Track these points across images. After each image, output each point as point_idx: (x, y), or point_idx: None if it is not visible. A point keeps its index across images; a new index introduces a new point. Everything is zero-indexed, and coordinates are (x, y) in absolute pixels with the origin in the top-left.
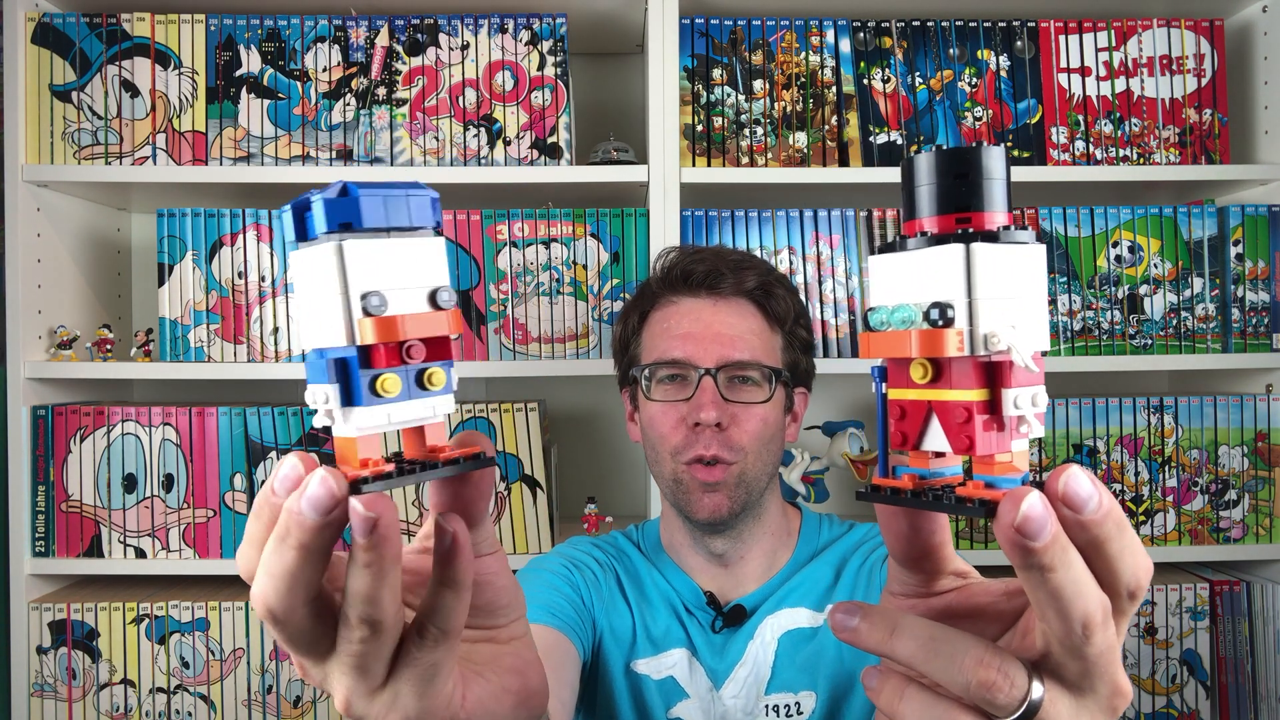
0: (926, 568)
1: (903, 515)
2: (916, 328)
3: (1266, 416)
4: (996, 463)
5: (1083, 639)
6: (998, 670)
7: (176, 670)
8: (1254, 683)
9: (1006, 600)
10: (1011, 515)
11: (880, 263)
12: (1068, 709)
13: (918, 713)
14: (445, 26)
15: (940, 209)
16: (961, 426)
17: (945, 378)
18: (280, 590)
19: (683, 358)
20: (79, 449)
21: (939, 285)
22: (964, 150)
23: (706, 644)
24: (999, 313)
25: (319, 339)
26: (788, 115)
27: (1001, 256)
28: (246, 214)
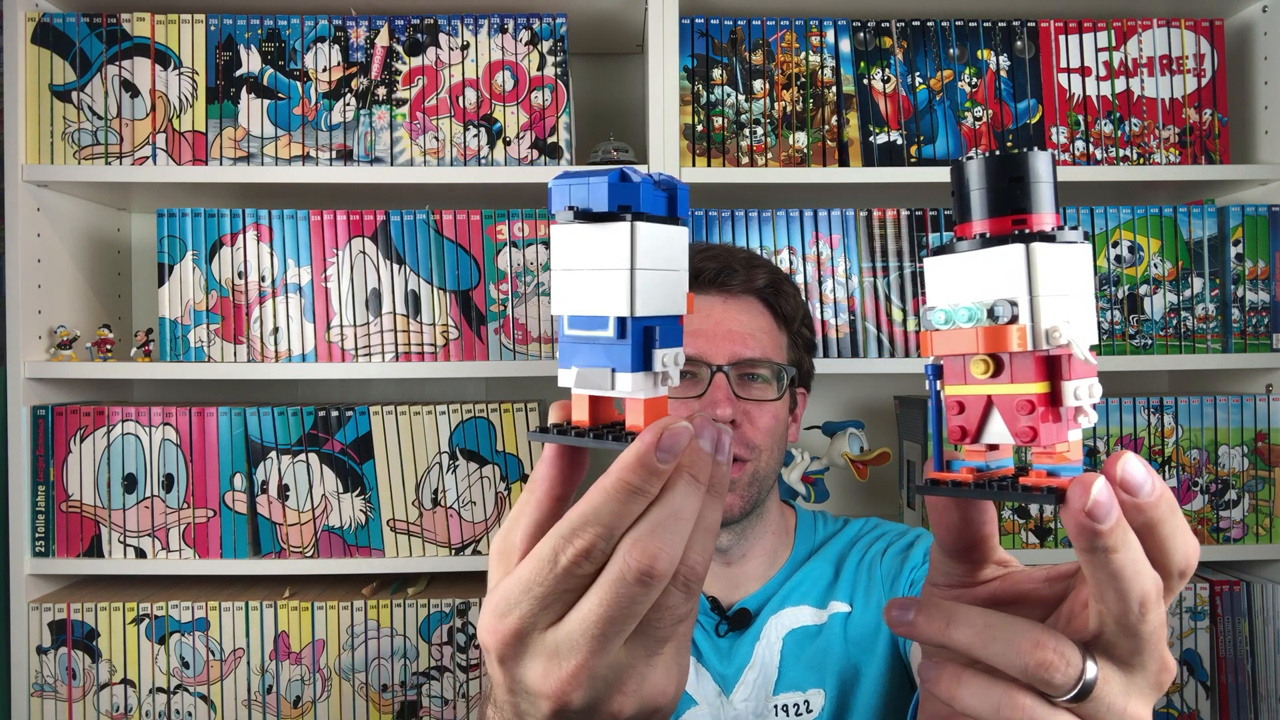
0: (974, 557)
1: (955, 508)
2: (981, 325)
3: (1266, 416)
4: (1057, 453)
5: (1139, 617)
6: (1054, 651)
7: (176, 670)
8: (1254, 683)
9: (1048, 587)
10: (1082, 500)
11: (938, 264)
12: (1119, 686)
13: (977, 696)
14: (445, 26)
15: (996, 211)
16: (1025, 419)
17: (1006, 372)
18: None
19: (694, 354)
20: (79, 449)
21: (1000, 284)
22: (1017, 155)
23: (712, 649)
24: (1057, 309)
25: (597, 307)
26: (788, 115)
27: (1057, 255)
28: (246, 214)
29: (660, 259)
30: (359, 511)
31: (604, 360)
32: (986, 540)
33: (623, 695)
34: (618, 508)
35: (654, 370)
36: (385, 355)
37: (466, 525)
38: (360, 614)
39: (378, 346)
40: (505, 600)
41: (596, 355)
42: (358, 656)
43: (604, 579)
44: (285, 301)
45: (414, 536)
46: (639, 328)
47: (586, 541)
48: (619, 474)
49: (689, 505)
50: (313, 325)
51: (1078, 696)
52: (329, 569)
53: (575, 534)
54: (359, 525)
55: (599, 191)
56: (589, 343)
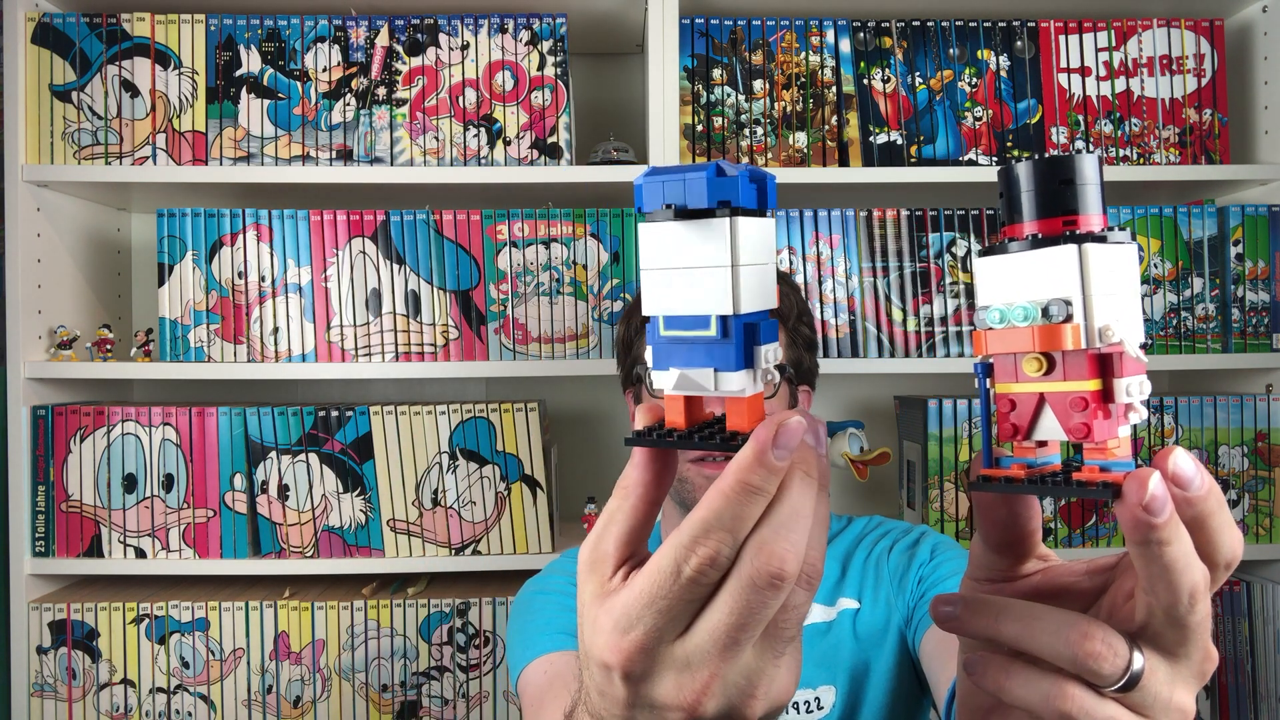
0: (1018, 552)
1: (1002, 503)
2: (1036, 324)
3: (1266, 416)
4: (1109, 449)
5: (1188, 608)
6: (1102, 641)
7: (176, 670)
8: (1254, 683)
9: (1089, 580)
10: (1139, 495)
11: (990, 264)
12: (1165, 675)
13: (1026, 687)
14: (445, 26)
15: (1047, 212)
16: (1079, 415)
17: (1059, 370)
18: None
19: None
20: (79, 449)
21: (1054, 283)
22: (1067, 158)
23: None
24: (1109, 307)
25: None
26: (788, 115)
27: (1107, 255)
28: (246, 214)
29: (757, 253)
30: (359, 511)
31: (706, 360)
32: (1032, 535)
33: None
34: (739, 510)
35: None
36: (385, 355)
37: (466, 525)
38: (360, 614)
39: (378, 346)
40: (626, 616)
41: (697, 355)
42: (358, 656)
43: (731, 585)
44: (285, 301)
45: (414, 536)
46: (741, 325)
47: (711, 549)
48: (738, 475)
49: (807, 502)
50: (313, 325)
51: (1125, 686)
52: (329, 569)
53: (698, 542)
54: (359, 525)
55: (697, 187)
56: (688, 343)
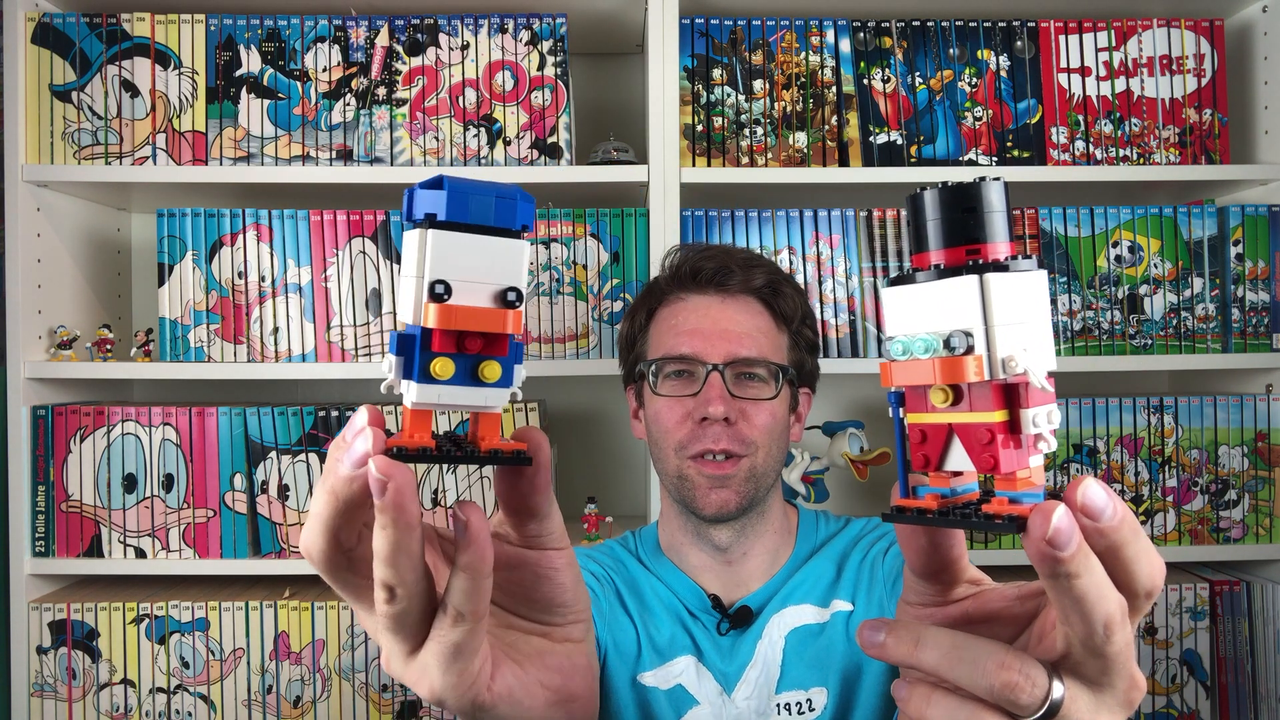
0: (945, 579)
1: (923, 532)
2: (938, 355)
3: (1266, 416)
4: (1018, 479)
5: (1104, 639)
6: (1019, 672)
7: (176, 670)
8: (1254, 683)
9: (1019, 604)
10: (1043, 529)
11: (895, 294)
12: (1088, 705)
13: (946, 715)
14: (445, 26)
15: (950, 242)
16: (985, 447)
17: (965, 401)
18: (310, 528)
19: (690, 353)
20: (79, 449)
21: (956, 314)
22: (969, 186)
23: (713, 647)
24: (1013, 338)
25: (404, 314)
26: (788, 115)
27: (1011, 284)
28: (246, 214)
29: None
30: None
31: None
32: (956, 562)
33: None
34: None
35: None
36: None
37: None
38: None
39: (378, 346)
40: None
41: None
42: (358, 656)
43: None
44: (285, 301)
45: None
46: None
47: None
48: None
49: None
50: (313, 325)
51: (1045, 716)
52: None
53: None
54: None
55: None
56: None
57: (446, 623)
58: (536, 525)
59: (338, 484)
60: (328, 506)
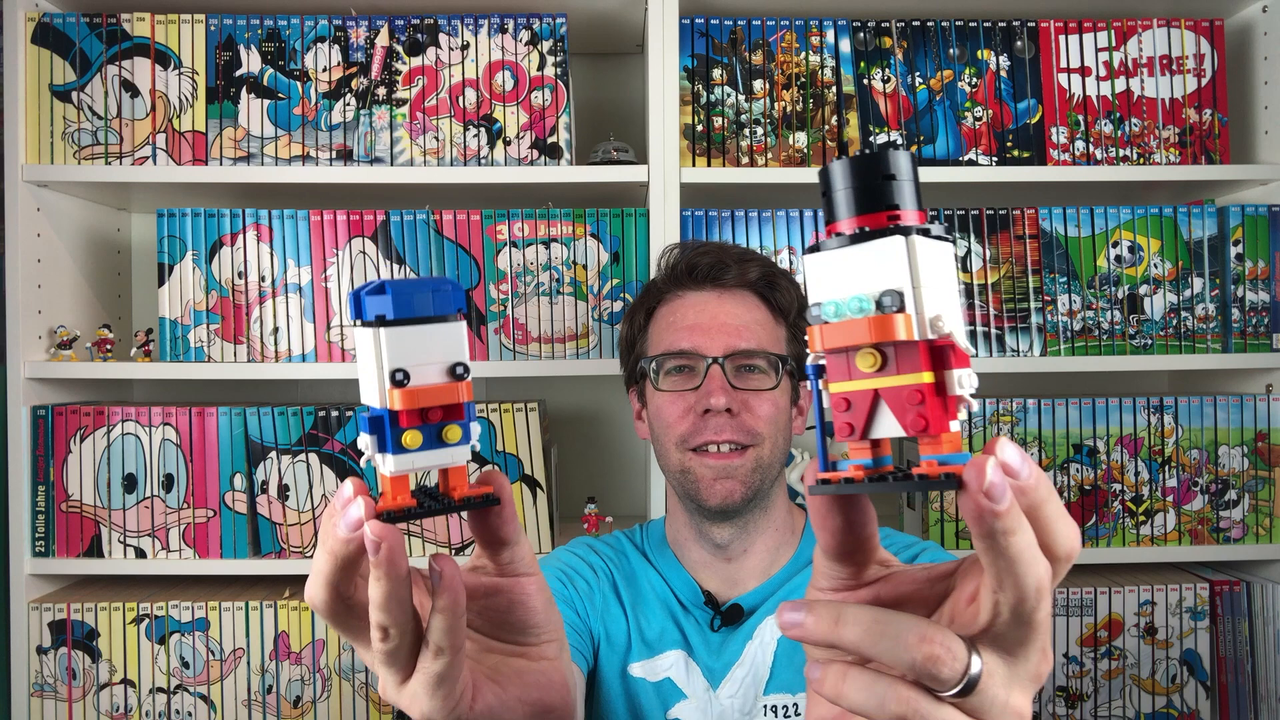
0: (858, 559)
1: (838, 511)
2: (870, 315)
3: (1266, 416)
4: (944, 441)
5: (1035, 603)
6: (940, 645)
7: (176, 670)
8: (1254, 683)
9: (930, 586)
10: (979, 481)
11: (819, 260)
12: (1002, 678)
13: (863, 692)
14: (445, 26)
15: (871, 207)
16: (915, 409)
17: (892, 365)
18: (313, 583)
19: (690, 348)
20: (79, 449)
21: (883, 275)
22: (887, 154)
23: (703, 642)
24: (937, 299)
25: (369, 399)
26: (788, 115)
27: (932, 249)
28: (246, 214)
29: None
30: None
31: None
32: (869, 540)
33: None
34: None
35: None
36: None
37: (467, 525)
38: None
39: None
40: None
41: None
42: (357, 657)
43: None
44: (285, 301)
45: (414, 536)
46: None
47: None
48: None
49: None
50: (313, 325)
51: (963, 691)
52: None
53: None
54: None
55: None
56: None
57: (429, 656)
58: (509, 553)
59: (336, 546)
60: (328, 565)
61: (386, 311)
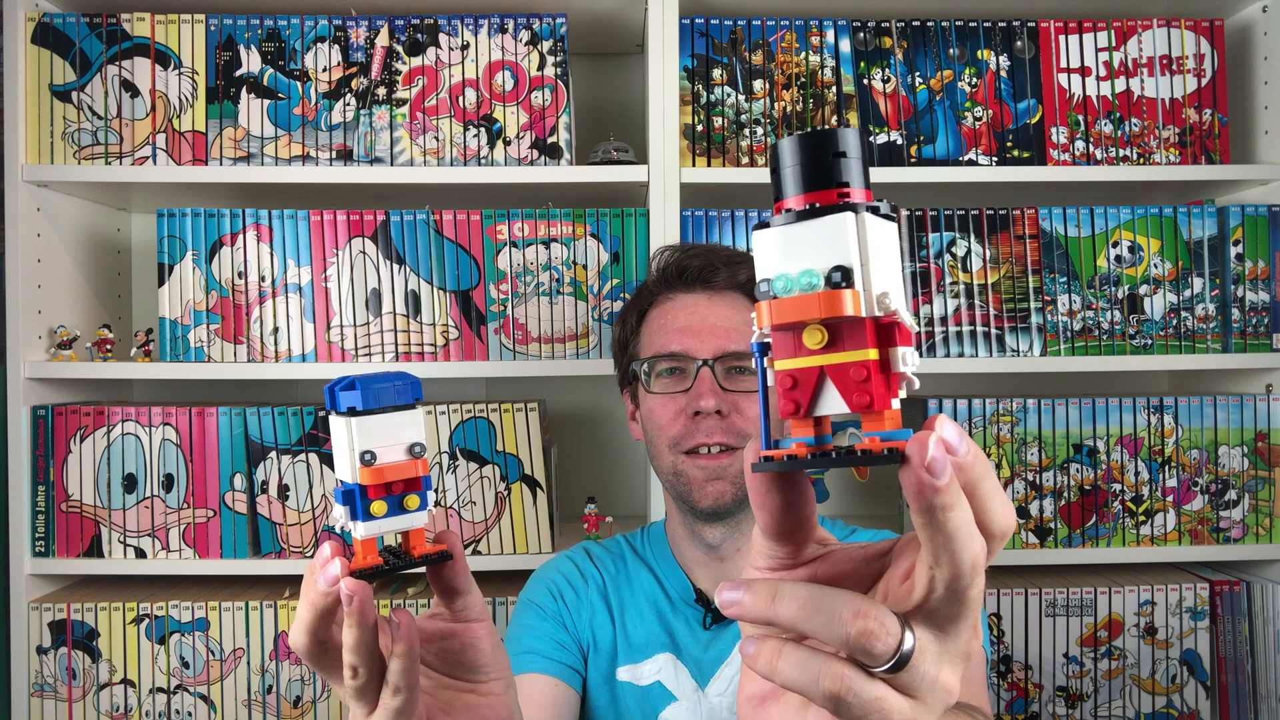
0: (797, 538)
1: (778, 490)
2: (819, 290)
3: (1266, 416)
4: (886, 418)
5: (970, 579)
6: (874, 620)
7: (176, 670)
8: (1254, 683)
9: (865, 565)
10: (921, 456)
11: (767, 236)
12: (934, 654)
13: (797, 668)
14: (445, 26)
15: (821, 184)
16: (861, 385)
17: (839, 341)
18: (296, 630)
19: (680, 350)
20: (79, 449)
21: (831, 251)
22: (836, 131)
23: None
24: (884, 276)
25: (342, 475)
26: (788, 115)
27: (878, 227)
28: (246, 214)
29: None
30: None
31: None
32: (808, 520)
33: None
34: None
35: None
36: (385, 355)
37: (466, 525)
38: None
39: (378, 346)
40: None
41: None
42: None
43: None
44: (285, 301)
45: None
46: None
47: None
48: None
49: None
50: (313, 325)
51: (895, 666)
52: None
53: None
54: None
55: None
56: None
57: (389, 693)
58: (461, 601)
59: (316, 598)
60: (309, 614)
61: (356, 404)
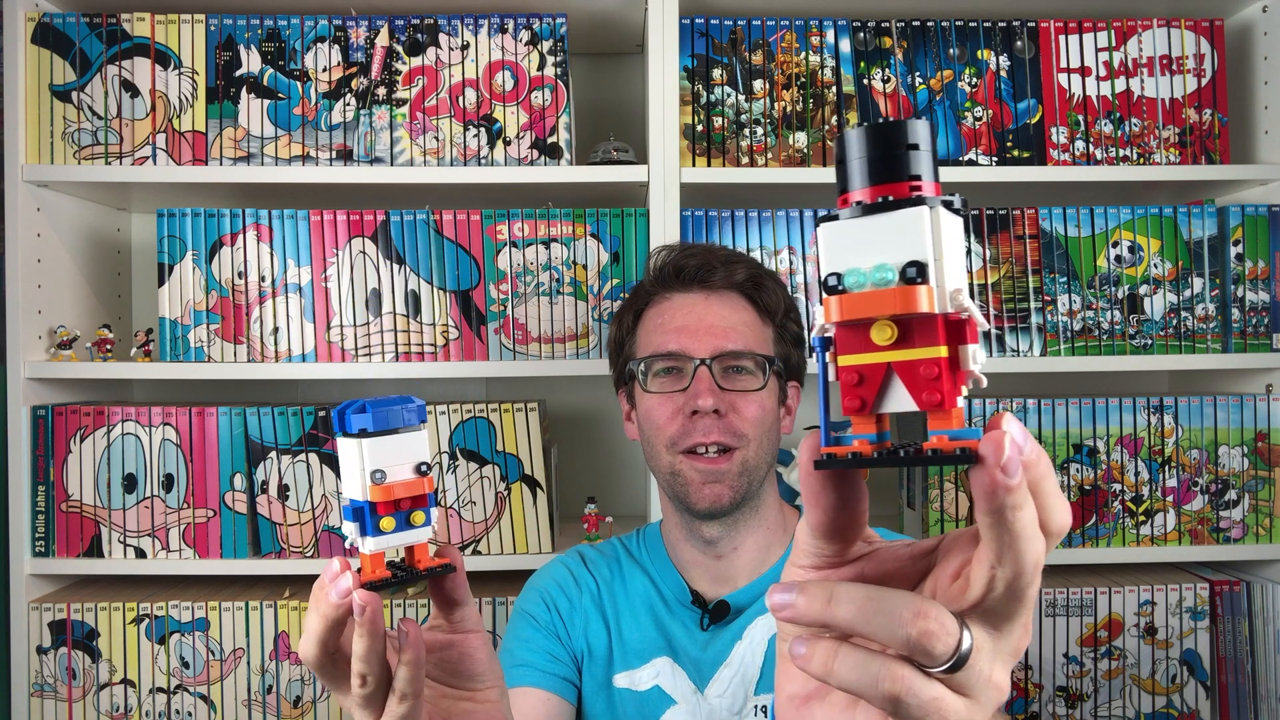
0: (849, 536)
1: (834, 488)
2: (894, 286)
3: (1266, 416)
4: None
5: (1031, 579)
6: (935, 620)
7: (176, 670)
8: (1254, 683)
9: (912, 563)
10: (998, 456)
11: (835, 229)
12: (988, 653)
13: (855, 670)
14: (445, 26)
15: (894, 176)
16: (931, 383)
17: (909, 338)
18: (306, 641)
19: (677, 349)
20: (79, 449)
21: (904, 246)
22: (908, 122)
23: (690, 641)
24: (956, 272)
25: (351, 493)
26: (788, 115)
27: (950, 221)
28: (246, 214)
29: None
30: None
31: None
32: (860, 516)
33: None
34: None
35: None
36: (385, 355)
37: (466, 525)
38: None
39: (378, 346)
40: None
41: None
42: None
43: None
44: (285, 301)
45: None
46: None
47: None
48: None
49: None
50: (313, 325)
51: (953, 667)
52: None
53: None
54: None
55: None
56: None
57: (396, 700)
58: (460, 612)
59: (327, 610)
60: (320, 625)
61: (367, 426)
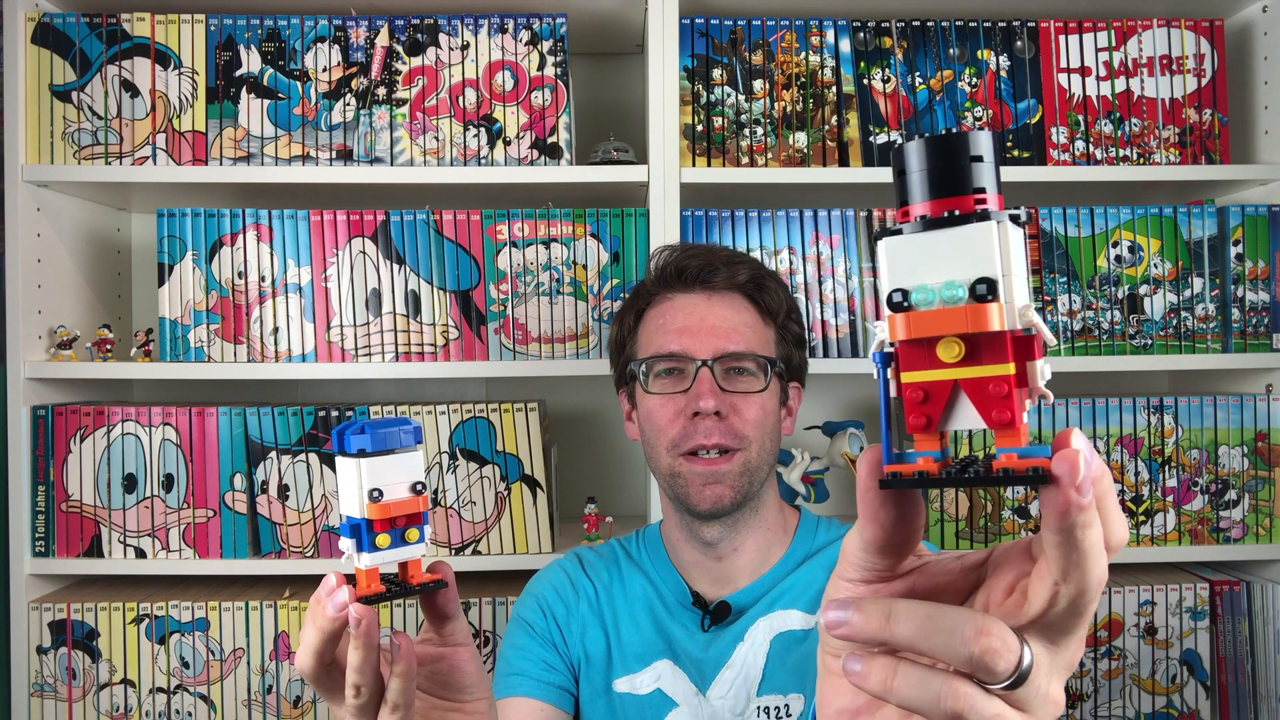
0: (903, 551)
1: (894, 504)
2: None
3: (1266, 416)
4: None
5: (1094, 595)
6: (997, 638)
7: (176, 670)
8: (1254, 683)
9: (962, 577)
10: (1073, 476)
11: (898, 244)
12: (1046, 668)
13: (915, 687)
14: (445, 26)
15: (959, 189)
16: (1000, 401)
17: (977, 355)
18: (303, 653)
19: (679, 350)
20: (79, 449)
21: (972, 262)
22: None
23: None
24: (1022, 287)
25: (349, 510)
26: (788, 115)
27: (1014, 235)
28: (246, 214)
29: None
30: None
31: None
32: (916, 533)
33: None
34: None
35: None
36: (385, 355)
37: (466, 525)
38: None
39: (378, 346)
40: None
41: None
42: None
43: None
44: (285, 301)
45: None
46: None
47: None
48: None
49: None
50: (313, 325)
51: (1014, 683)
52: (329, 569)
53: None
54: None
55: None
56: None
57: (387, 710)
58: (450, 626)
59: (324, 623)
60: (316, 637)
61: (366, 446)
